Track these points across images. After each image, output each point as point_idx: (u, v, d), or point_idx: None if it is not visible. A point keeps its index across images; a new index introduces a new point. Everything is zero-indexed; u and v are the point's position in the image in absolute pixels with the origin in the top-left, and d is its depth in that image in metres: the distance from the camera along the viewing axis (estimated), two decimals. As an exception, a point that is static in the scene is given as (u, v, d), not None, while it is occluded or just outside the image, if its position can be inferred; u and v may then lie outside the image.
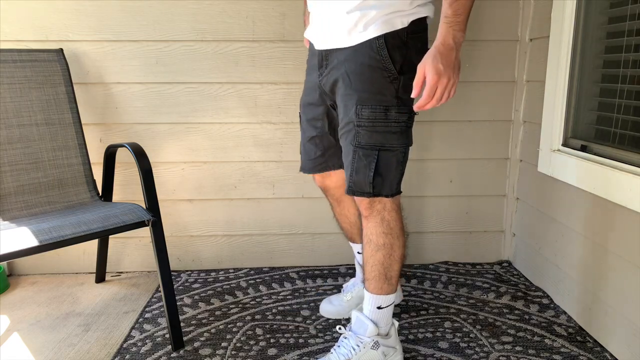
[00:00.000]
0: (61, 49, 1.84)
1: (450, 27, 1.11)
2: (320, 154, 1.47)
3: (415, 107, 1.17)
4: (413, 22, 1.19)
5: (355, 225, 1.64)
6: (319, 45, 1.32)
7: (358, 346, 1.34)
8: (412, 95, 1.15)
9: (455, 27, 1.11)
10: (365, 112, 1.21)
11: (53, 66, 1.80)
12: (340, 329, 1.45)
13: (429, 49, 1.14)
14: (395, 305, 1.79)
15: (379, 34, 1.18)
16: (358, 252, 1.69)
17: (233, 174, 2.06)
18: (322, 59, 1.32)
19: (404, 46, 1.20)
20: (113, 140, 1.99)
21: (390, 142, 1.23)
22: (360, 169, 1.24)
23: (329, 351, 1.41)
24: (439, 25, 1.13)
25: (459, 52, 1.12)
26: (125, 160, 1.99)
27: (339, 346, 1.39)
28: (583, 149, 1.61)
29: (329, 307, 1.72)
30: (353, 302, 1.71)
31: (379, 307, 1.35)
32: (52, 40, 1.90)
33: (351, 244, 1.72)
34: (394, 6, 1.17)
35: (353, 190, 1.27)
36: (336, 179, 1.56)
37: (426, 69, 1.11)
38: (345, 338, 1.39)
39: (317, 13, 1.31)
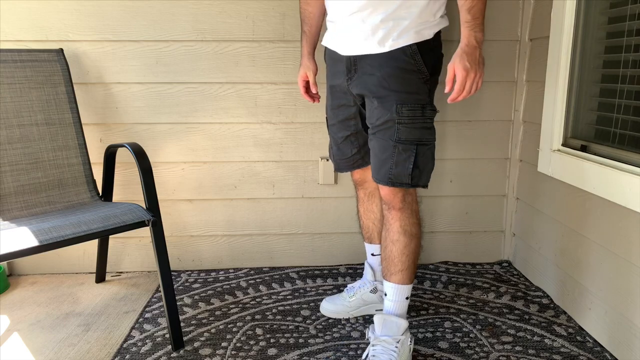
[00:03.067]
0: (61, 49, 1.84)
1: (471, 30, 1.26)
2: (357, 150, 1.56)
3: (449, 100, 1.30)
4: (436, 33, 1.37)
5: (379, 223, 1.65)
6: (347, 52, 1.40)
7: (397, 347, 1.38)
8: (445, 91, 1.28)
9: (475, 28, 1.26)
10: (405, 111, 1.34)
11: (53, 66, 1.80)
12: (368, 338, 1.45)
13: (455, 51, 1.29)
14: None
15: (412, 42, 1.32)
16: (372, 254, 1.72)
17: (233, 174, 2.06)
18: (351, 65, 1.40)
19: (431, 52, 1.37)
20: (113, 140, 1.99)
21: (426, 137, 1.38)
22: (400, 162, 1.36)
23: None
24: (460, 28, 1.28)
25: (481, 50, 1.27)
26: (125, 160, 1.99)
27: (374, 355, 1.38)
28: (583, 149, 1.61)
29: (330, 306, 1.73)
30: (355, 304, 1.71)
31: (406, 298, 1.46)
32: (52, 40, 1.90)
33: (367, 244, 1.73)
34: (422, 17, 1.32)
35: (393, 181, 1.38)
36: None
37: (455, 67, 1.26)
38: (378, 344, 1.39)
39: (343, 22, 1.39)
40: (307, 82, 1.63)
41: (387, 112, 1.35)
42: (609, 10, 1.55)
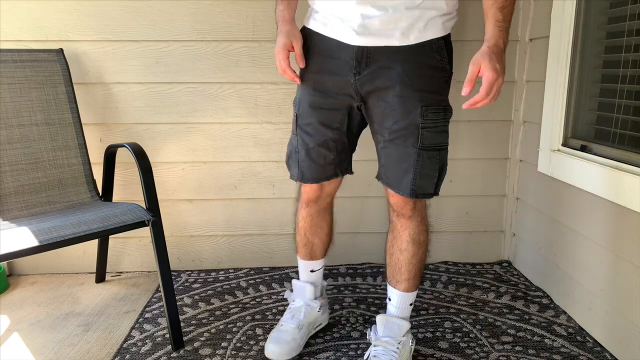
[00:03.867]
0: (61, 49, 1.84)
1: (501, 30, 1.14)
2: (332, 158, 1.37)
3: (467, 105, 1.15)
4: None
5: (327, 238, 1.56)
6: (357, 42, 1.21)
7: (398, 348, 1.37)
8: (465, 93, 1.12)
9: (505, 31, 1.15)
10: (430, 114, 1.23)
11: (53, 66, 1.80)
12: (369, 338, 1.44)
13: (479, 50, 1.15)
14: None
15: (440, 35, 1.21)
16: (312, 270, 1.57)
17: (233, 174, 2.06)
18: (363, 57, 1.22)
19: (450, 47, 1.26)
20: (113, 140, 1.99)
21: (445, 141, 1.28)
22: (424, 172, 1.25)
23: None
24: (487, 27, 1.16)
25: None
26: (125, 160, 1.99)
27: (375, 356, 1.36)
28: (583, 149, 1.61)
29: (278, 348, 1.45)
30: (304, 334, 1.53)
31: (410, 304, 1.43)
32: (52, 40, 1.90)
33: (305, 261, 1.55)
34: (448, 7, 1.21)
35: (416, 193, 1.27)
36: (335, 185, 1.47)
37: (484, 68, 1.11)
38: (380, 345, 1.38)
39: (352, 7, 1.20)
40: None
41: (409, 115, 1.22)
42: (609, 10, 1.55)
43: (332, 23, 1.24)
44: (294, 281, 1.60)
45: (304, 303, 1.55)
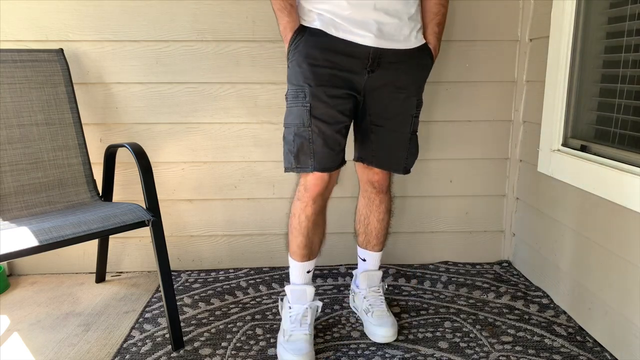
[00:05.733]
0: (61, 49, 1.84)
1: (438, 40, 1.48)
2: (344, 144, 1.47)
3: None
4: None
5: (324, 236, 1.60)
6: (375, 44, 1.37)
7: (381, 292, 1.70)
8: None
9: (440, 39, 1.49)
10: (419, 105, 1.50)
11: (53, 66, 1.80)
12: (352, 290, 1.74)
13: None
14: (395, 305, 1.80)
15: (424, 41, 1.46)
16: (308, 271, 1.59)
17: (233, 174, 2.06)
18: (376, 57, 1.38)
19: None
20: (113, 140, 1.99)
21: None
22: (412, 151, 1.54)
23: (374, 316, 1.61)
24: (429, 37, 1.46)
25: None
26: (125, 160, 1.99)
27: (371, 304, 1.64)
28: (583, 149, 1.61)
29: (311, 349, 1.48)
30: (313, 335, 1.55)
31: (380, 258, 1.73)
32: (52, 40, 1.90)
33: (305, 263, 1.55)
34: (421, 22, 1.48)
35: (407, 169, 1.56)
36: (336, 176, 1.53)
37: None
38: (370, 295, 1.67)
39: (369, 14, 1.36)
40: None
41: (407, 106, 1.47)
42: (609, 10, 1.55)
43: (346, 27, 1.37)
44: (290, 288, 1.55)
45: (307, 306, 1.54)
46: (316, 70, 1.38)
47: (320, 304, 1.58)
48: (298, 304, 1.55)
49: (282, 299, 1.62)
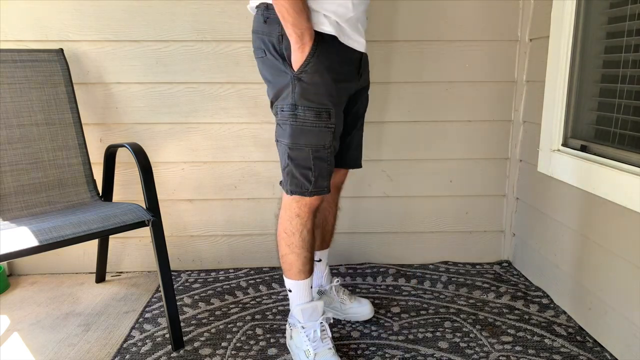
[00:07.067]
0: (61, 49, 1.84)
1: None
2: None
3: None
4: None
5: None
6: (363, 49, 1.34)
7: (339, 282, 1.74)
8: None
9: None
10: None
11: (53, 66, 1.80)
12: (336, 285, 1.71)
13: None
14: (395, 305, 1.80)
15: None
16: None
17: (233, 174, 2.06)
18: (361, 61, 1.37)
19: None
20: (113, 140, 1.99)
21: None
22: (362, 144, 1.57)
23: (354, 301, 1.68)
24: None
25: None
26: (125, 160, 1.99)
27: (344, 293, 1.70)
28: (583, 149, 1.61)
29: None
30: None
31: None
32: (52, 40, 1.90)
33: (309, 278, 1.44)
34: None
35: (360, 163, 1.57)
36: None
37: None
38: (340, 290, 1.71)
39: (359, 19, 1.30)
40: None
41: (366, 102, 1.51)
42: (609, 10, 1.55)
43: (348, 31, 1.26)
44: (300, 308, 1.41)
45: (322, 321, 1.43)
46: (339, 87, 1.27)
47: (330, 314, 1.50)
48: (311, 321, 1.42)
49: (289, 325, 1.48)
